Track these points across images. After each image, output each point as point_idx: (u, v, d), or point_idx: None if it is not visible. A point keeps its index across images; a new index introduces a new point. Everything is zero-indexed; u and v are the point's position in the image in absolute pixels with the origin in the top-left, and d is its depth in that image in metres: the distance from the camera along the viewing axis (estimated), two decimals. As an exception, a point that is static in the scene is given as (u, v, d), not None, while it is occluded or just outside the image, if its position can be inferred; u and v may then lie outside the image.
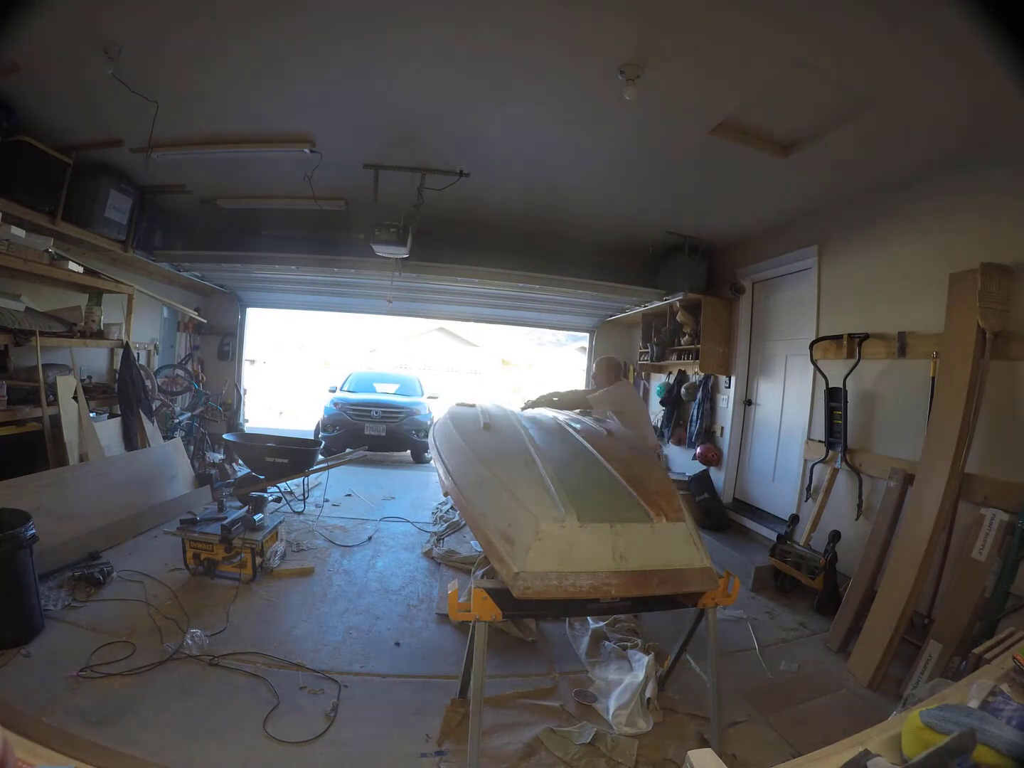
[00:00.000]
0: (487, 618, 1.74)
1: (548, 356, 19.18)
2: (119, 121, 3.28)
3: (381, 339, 19.65)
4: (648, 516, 1.85)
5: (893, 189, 3.31)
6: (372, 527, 4.50)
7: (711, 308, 5.09)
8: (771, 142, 3.06)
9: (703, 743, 2.04)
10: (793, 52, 2.20)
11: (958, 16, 1.66)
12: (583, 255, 5.51)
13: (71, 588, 2.89)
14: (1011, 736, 0.89)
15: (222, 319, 6.96)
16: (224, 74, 2.74)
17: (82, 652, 2.32)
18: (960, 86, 2.24)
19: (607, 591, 1.69)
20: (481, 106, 2.95)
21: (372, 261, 4.61)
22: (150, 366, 5.56)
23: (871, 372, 3.41)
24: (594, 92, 2.65)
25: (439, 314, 8.21)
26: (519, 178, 3.94)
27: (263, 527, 3.38)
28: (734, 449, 5.01)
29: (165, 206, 4.78)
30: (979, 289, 2.54)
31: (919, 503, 2.70)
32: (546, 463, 2.12)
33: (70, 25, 2.31)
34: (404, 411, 7.42)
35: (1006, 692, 1.07)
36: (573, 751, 1.97)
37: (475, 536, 2.24)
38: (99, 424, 4.13)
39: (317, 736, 2.00)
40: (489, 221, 4.92)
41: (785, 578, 3.59)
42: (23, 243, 3.37)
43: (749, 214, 4.36)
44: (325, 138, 3.41)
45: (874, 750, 0.92)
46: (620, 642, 2.69)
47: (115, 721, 1.95)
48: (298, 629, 2.76)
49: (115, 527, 3.61)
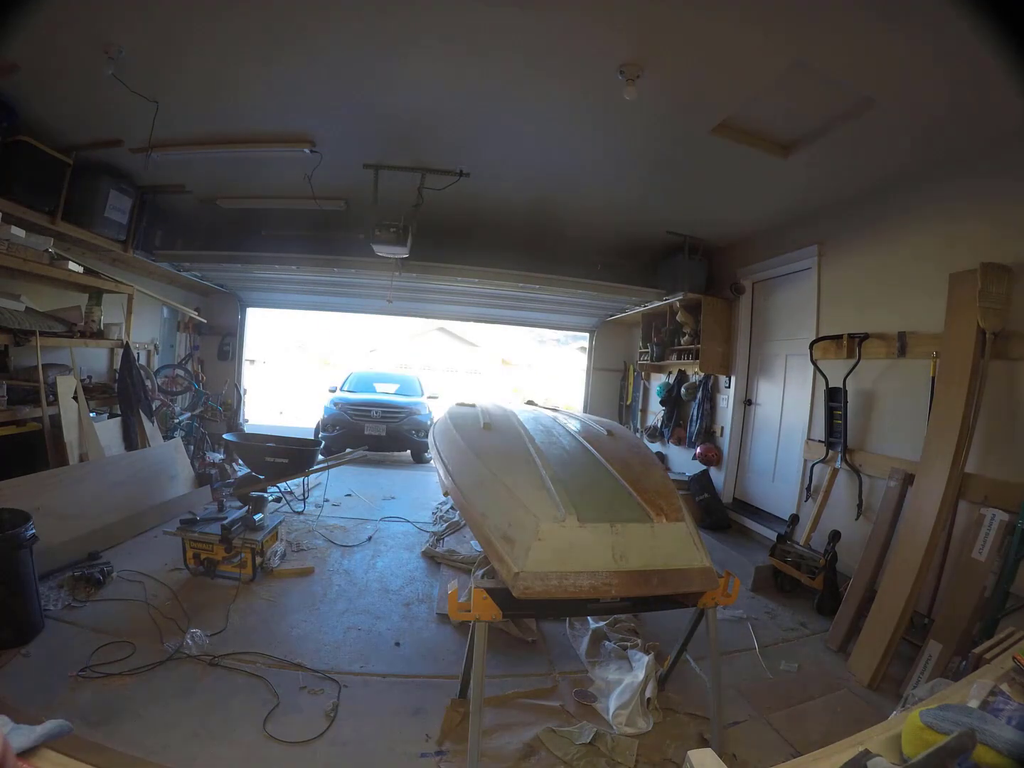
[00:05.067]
0: (487, 618, 1.75)
1: (548, 354, 19.15)
2: (119, 121, 3.28)
3: (381, 339, 19.65)
4: (648, 516, 1.86)
5: (893, 189, 3.31)
6: (372, 527, 4.49)
7: (711, 308, 5.10)
8: (771, 142, 3.06)
9: (703, 743, 2.04)
10: (793, 52, 2.20)
11: (957, 15, 1.67)
12: (583, 255, 5.52)
13: (71, 588, 2.89)
14: (1011, 736, 0.89)
15: (222, 319, 6.97)
16: (224, 74, 2.74)
17: (82, 652, 2.32)
18: (961, 86, 2.24)
19: (607, 591, 1.70)
20: (480, 106, 2.95)
21: (372, 261, 4.62)
22: (150, 366, 5.57)
23: (871, 372, 3.41)
24: (594, 92, 2.65)
25: (439, 314, 8.21)
26: (519, 178, 3.95)
27: (263, 527, 3.38)
28: (734, 449, 5.01)
29: (165, 206, 4.78)
30: (979, 289, 2.54)
31: (919, 503, 2.70)
32: (546, 463, 2.13)
33: (70, 25, 2.32)
34: (404, 411, 7.42)
35: (1006, 692, 1.07)
36: (573, 751, 1.97)
37: (475, 536, 2.24)
38: (99, 424, 4.13)
39: (317, 736, 2.00)
40: (489, 221, 4.92)
41: (785, 578, 3.59)
42: (23, 243, 3.37)
43: (749, 214, 4.36)
44: (325, 138, 3.42)
45: (874, 750, 0.92)
46: (620, 642, 2.69)
47: (115, 721, 1.95)
48: (298, 629, 2.76)
49: (115, 527, 3.61)
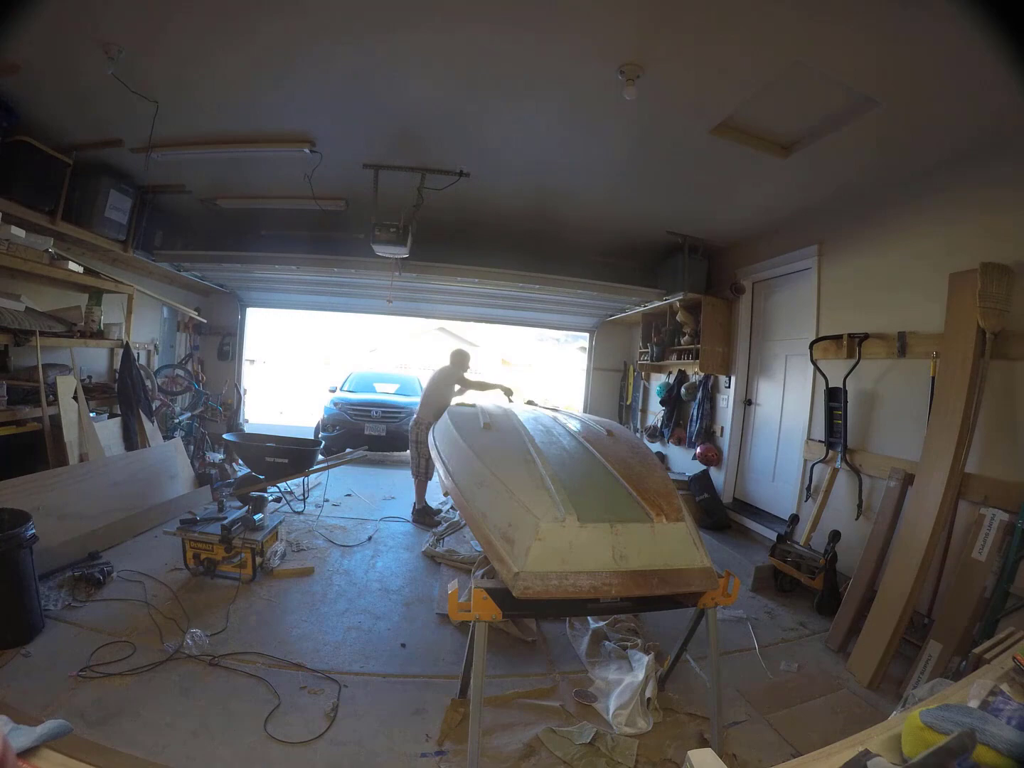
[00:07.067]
0: (487, 618, 1.75)
1: (548, 352, 19.10)
2: (119, 121, 3.28)
3: (381, 339, 19.63)
4: (648, 516, 1.86)
5: (893, 189, 3.31)
6: (372, 527, 4.49)
7: (711, 308, 5.09)
8: (771, 142, 3.06)
9: (703, 743, 2.05)
10: (793, 52, 2.20)
11: (959, 15, 1.67)
12: (583, 255, 5.51)
13: (71, 588, 2.89)
14: (1011, 736, 0.88)
15: (222, 319, 6.96)
16: (224, 74, 2.74)
17: (82, 652, 2.32)
18: (962, 87, 2.24)
19: (607, 591, 1.70)
20: (481, 106, 2.94)
21: (372, 261, 4.61)
22: (150, 366, 5.57)
23: (871, 372, 3.41)
24: (594, 92, 2.65)
25: (439, 314, 8.20)
26: (519, 178, 3.94)
27: (263, 527, 3.39)
28: (734, 449, 5.01)
29: (165, 206, 4.78)
30: (979, 289, 2.54)
31: (919, 503, 2.70)
32: (546, 463, 2.13)
33: (70, 25, 2.31)
34: (404, 411, 7.41)
35: (1006, 692, 1.07)
36: (573, 751, 1.97)
37: (475, 536, 2.24)
38: (99, 424, 4.13)
39: (317, 736, 2.00)
40: (489, 221, 4.92)
41: (785, 578, 3.59)
42: (23, 243, 3.37)
43: (749, 214, 4.35)
44: (325, 138, 3.41)
45: (874, 750, 0.92)
46: (620, 642, 2.69)
47: (115, 721, 1.95)
48: (298, 629, 2.76)
49: (115, 527, 3.61)
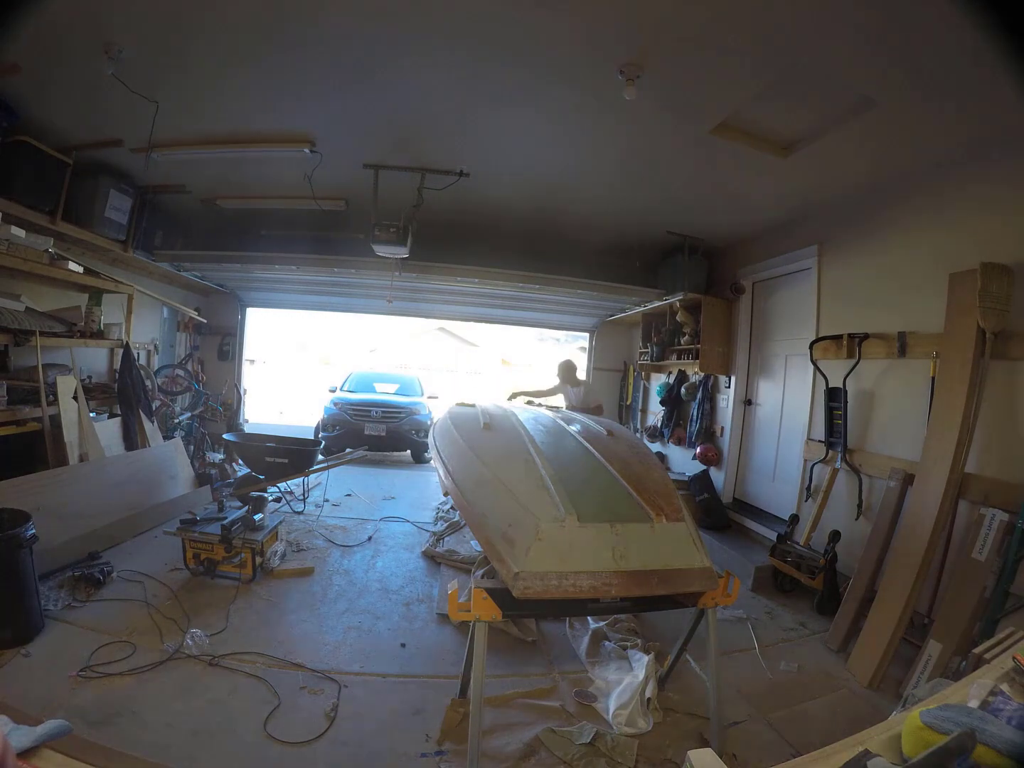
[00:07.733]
0: (487, 618, 1.74)
1: (548, 352, 19.10)
2: (119, 121, 3.28)
3: (381, 339, 19.64)
4: (648, 516, 1.86)
5: (893, 189, 3.31)
6: (372, 527, 4.49)
7: (711, 308, 5.09)
8: (771, 142, 3.06)
9: (703, 743, 2.04)
10: (793, 52, 2.20)
11: (959, 15, 1.67)
12: (583, 255, 5.51)
13: (71, 588, 2.89)
14: (1011, 736, 0.88)
15: (222, 319, 6.96)
16: (224, 74, 2.74)
17: (82, 652, 2.32)
18: (962, 87, 2.24)
19: (607, 591, 1.70)
20: (481, 106, 2.94)
21: (372, 261, 4.61)
22: (150, 366, 5.56)
23: (871, 372, 3.41)
24: (594, 92, 2.65)
25: (439, 314, 8.20)
26: (519, 178, 3.94)
27: (263, 527, 3.38)
28: (734, 449, 5.01)
29: (165, 206, 4.78)
30: (979, 289, 2.54)
31: (919, 503, 2.70)
32: (546, 463, 2.13)
33: (70, 25, 2.31)
34: (404, 411, 7.42)
35: (1006, 692, 1.07)
36: (573, 751, 1.97)
37: (475, 536, 2.24)
38: (99, 424, 4.13)
39: (317, 736, 2.00)
40: (489, 221, 4.92)
41: (785, 578, 3.59)
42: (23, 243, 3.37)
43: (749, 214, 4.35)
44: (325, 138, 3.41)
45: (874, 750, 0.92)
46: (620, 642, 2.69)
47: (115, 721, 1.95)
48: (298, 629, 2.76)
49: (115, 527, 3.61)
